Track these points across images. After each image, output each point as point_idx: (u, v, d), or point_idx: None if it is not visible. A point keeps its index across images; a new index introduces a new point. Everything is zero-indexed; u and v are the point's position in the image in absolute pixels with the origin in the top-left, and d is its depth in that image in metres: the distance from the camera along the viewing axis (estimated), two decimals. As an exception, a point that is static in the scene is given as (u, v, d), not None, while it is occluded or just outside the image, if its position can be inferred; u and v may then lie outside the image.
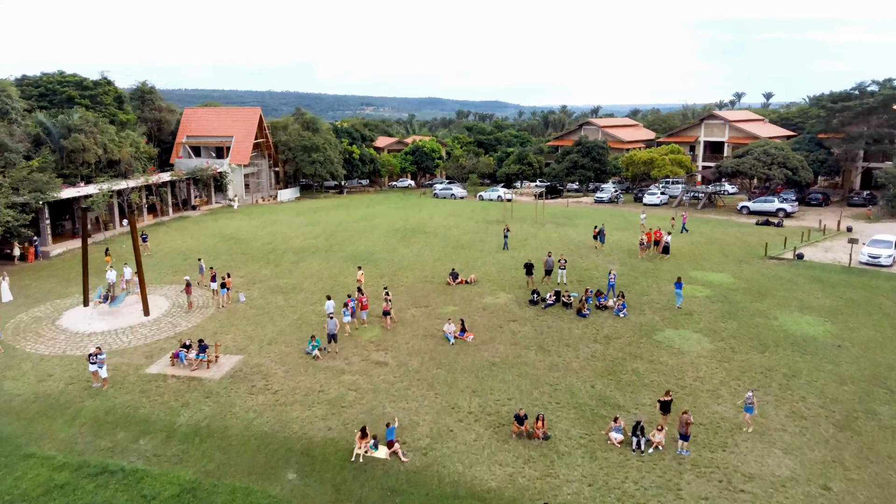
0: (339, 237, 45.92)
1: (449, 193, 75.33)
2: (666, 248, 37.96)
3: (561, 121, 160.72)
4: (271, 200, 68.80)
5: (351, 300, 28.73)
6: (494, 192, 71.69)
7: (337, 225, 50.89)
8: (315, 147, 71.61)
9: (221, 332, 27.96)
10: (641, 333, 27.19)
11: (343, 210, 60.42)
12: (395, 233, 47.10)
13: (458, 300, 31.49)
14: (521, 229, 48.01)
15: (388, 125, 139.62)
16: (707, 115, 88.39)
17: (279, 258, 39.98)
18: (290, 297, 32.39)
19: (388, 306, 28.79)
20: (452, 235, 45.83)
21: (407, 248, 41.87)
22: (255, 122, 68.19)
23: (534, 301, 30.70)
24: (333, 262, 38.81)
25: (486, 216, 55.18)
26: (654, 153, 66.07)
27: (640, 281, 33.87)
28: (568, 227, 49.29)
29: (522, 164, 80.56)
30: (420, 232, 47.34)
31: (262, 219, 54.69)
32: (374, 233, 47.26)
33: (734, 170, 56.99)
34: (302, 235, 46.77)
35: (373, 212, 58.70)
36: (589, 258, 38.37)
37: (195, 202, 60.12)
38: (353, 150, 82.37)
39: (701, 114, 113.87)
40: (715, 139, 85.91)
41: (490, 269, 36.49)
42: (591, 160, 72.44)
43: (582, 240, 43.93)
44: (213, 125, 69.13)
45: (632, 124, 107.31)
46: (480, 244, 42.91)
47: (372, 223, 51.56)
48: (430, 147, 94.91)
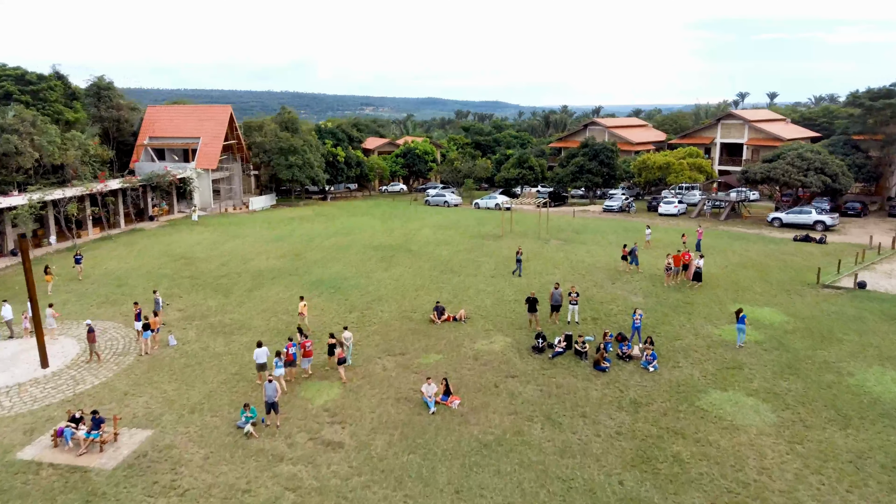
0: (309, 257, 39.81)
1: (442, 201, 69.30)
2: (697, 274, 31.89)
3: (563, 121, 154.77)
4: (243, 209, 62.71)
5: (293, 345, 22.77)
6: (492, 199, 65.65)
7: (309, 241, 44.78)
8: (293, 149, 65.54)
9: (133, 393, 21.89)
10: (680, 397, 21.12)
11: (321, 221, 54.31)
12: (375, 251, 40.99)
13: (444, 345, 25.41)
14: (521, 247, 41.89)
15: (379, 125, 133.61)
16: (724, 115, 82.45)
17: (231, 285, 33.87)
18: (232, 341, 26.30)
19: (342, 352, 22.82)
20: (441, 256, 39.73)
21: (386, 272, 35.76)
22: (225, 121, 62.14)
23: (538, 348, 24.63)
24: (296, 290, 32.70)
25: (482, 229, 49.08)
26: (671, 157, 60.06)
27: (669, 318, 27.78)
28: (576, 243, 43.20)
29: (523, 167, 74.51)
30: (404, 250, 41.24)
31: (225, 232, 48.57)
32: (349, 251, 41.15)
33: (764, 176, 50.98)
34: (265, 254, 40.66)
35: (354, 223, 52.60)
36: (605, 288, 32.26)
37: (153, 212, 54.03)
38: (337, 153, 76.33)
39: (716, 113, 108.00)
40: (732, 141, 79.99)
41: (484, 302, 30.39)
42: (598, 164, 66.43)
43: (595, 262, 37.84)
44: (178, 125, 63.08)
45: (640, 124, 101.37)
46: (474, 267, 36.81)
47: (350, 238, 45.45)
48: (423, 149, 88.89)
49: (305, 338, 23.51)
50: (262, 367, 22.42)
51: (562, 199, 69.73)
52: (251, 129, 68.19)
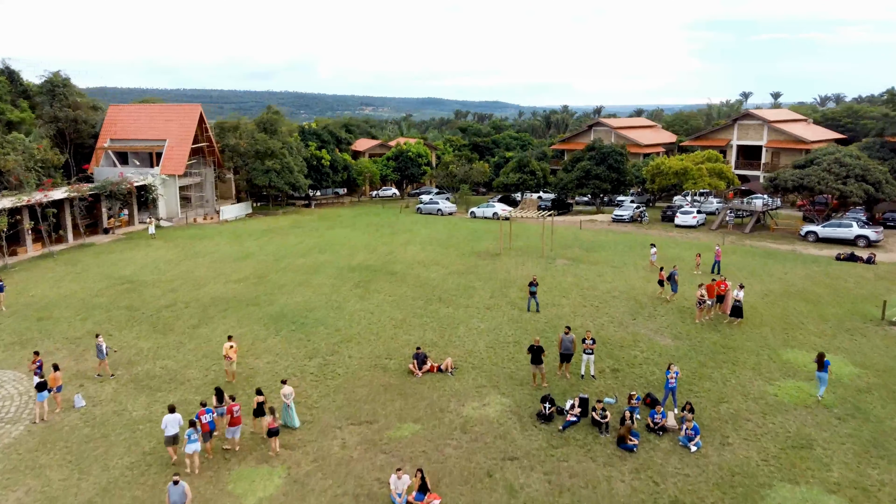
0: (274, 280, 34.47)
1: (435, 209, 64.01)
2: (737, 308, 26.56)
3: (564, 121, 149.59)
4: (214, 219, 57.37)
5: (206, 411, 17.62)
6: (490, 207, 60.38)
7: (278, 259, 39.44)
8: (270, 153, 60.21)
9: (5, 486, 16.59)
10: (737, 494, 15.84)
11: (297, 234, 48.97)
12: (352, 274, 35.64)
13: (424, 409, 20.10)
14: (523, 269, 36.59)
15: (371, 125, 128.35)
16: (741, 115, 77.25)
17: (174, 319, 28.53)
18: (157, 400, 20.98)
19: (274, 421, 17.63)
20: (429, 279, 34.39)
21: (361, 302, 30.41)
22: (193, 121, 56.84)
23: (545, 416, 19.34)
24: (249, 326, 27.39)
25: (477, 245, 43.75)
26: (687, 161, 54.78)
27: (708, 370, 22.47)
28: (586, 263, 37.86)
29: (523, 172, 69.20)
30: (386, 272, 35.90)
31: (185, 248, 43.23)
32: (322, 273, 35.80)
33: (796, 184, 45.70)
34: (224, 277, 35.32)
35: (333, 237, 47.26)
36: (624, 326, 26.91)
37: (109, 224, 48.69)
38: (321, 156, 71.02)
39: (729, 113, 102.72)
40: (750, 143, 74.87)
41: (477, 344, 25.05)
42: (607, 169, 61.15)
43: (610, 289, 32.50)
44: (142, 126, 57.80)
45: (648, 125, 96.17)
46: (466, 295, 31.47)
47: (325, 256, 40.12)
48: (416, 151, 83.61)
49: (232, 400, 18.25)
50: (174, 441, 17.28)
51: (566, 208, 64.48)
52: (225, 130, 62.88)
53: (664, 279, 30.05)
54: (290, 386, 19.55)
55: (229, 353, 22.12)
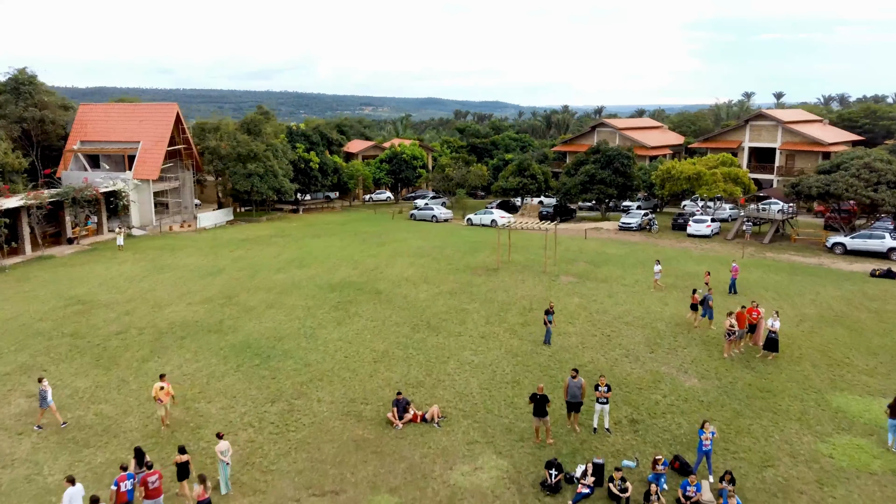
0: (243, 301, 30.92)
1: (429, 215, 60.51)
2: (772, 341, 23.03)
3: (565, 121, 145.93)
4: (191, 226, 53.79)
5: (127, 476, 14.31)
6: (487, 214, 56.87)
7: (252, 275, 35.90)
8: (252, 156, 56.66)
9: None
10: None
11: (278, 244, 45.43)
12: (332, 294, 32.09)
13: (402, 474, 16.57)
14: (523, 287, 33.05)
15: (365, 125, 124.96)
16: (754, 115, 73.76)
17: (123, 349, 24.99)
18: (82, 459, 17.45)
19: (204, 492, 14.24)
20: (417, 300, 30.85)
21: (338, 329, 26.87)
22: (170, 122, 53.30)
23: (550, 485, 15.82)
24: (206, 359, 23.87)
25: (473, 257, 40.22)
26: (700, 165, 51.25)
27: (745, 422, 18.92)
28: (594, 281, 34.31)
29: (524, 176, 65.70)
30: (369, 291, 32.36)
31: (153, 262, 39.68)
32: (298, 292, 32.25)
33: (822, 191, 42.17)
34: (188, 297, 31.77)
35: (317, 248, 43.73)
36: (641, 362, 23.35)
37: (74, 233, 45.13)
38: (310, 158, 67.48)
39: (738, 113, 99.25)
40: (763, 145, 71.38)
41: (469, 384, 21.51)
42: (612, 173, 57.65)
43: (622, 313, 28.96)
44: (114, 127, 54.27)
45: (654, 126, 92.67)
46: (458, 320, 27.94)
47: (305, 272, 36.57)
48: (411, 153, 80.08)
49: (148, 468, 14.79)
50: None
51: (569, 214, 60.98)
52: (205, 131, 59.33)
53: (697, 303, 26.51)
54: (226, 441, 16.06)
55: (159, 395, 18.71)
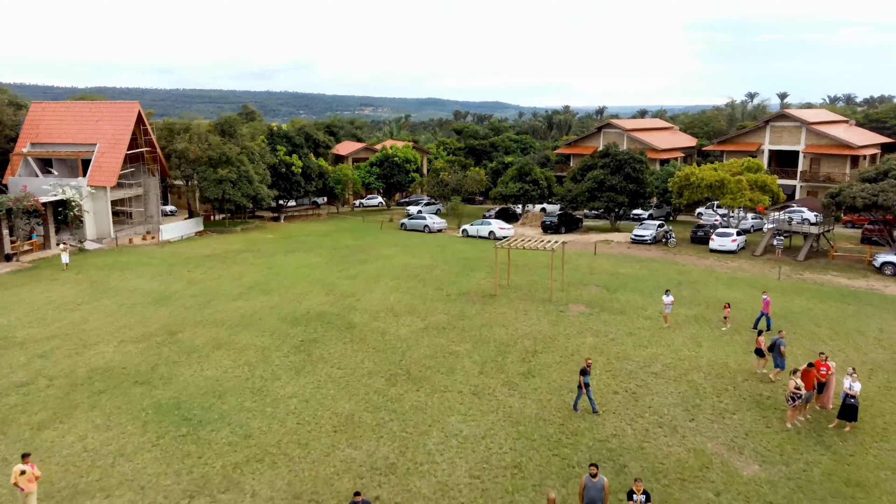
0: (185, 339, 25.80)
1: (421, 225, 55.46)
2: (849, 409, 17.89)
3: (567, 122, 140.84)
4: (156, 238, 48.66)
5: None
6: (485, 225, 51.76)
7: (205, 303, 30.77)
8: (225, 160, 51.56)
9: None
10: None
11: (245, 261, 40.33)
12: (294, 329, 26.98)
13: None
14: (525, 320, 27.94)
15: (357, 126, 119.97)
16: (775, 116, 68.76)
17: (21, 408, 19.89)
18: None
19: None
20: (398, 339, 25.75)
21: (295, 381, 21.75)
22: (130, 122, 48.24)
23: None
24: (120, 425, 18.77)
25: (468, 280, 35.12)
26: (723, 171, 46.16)
27: (835, 536, 13.80)
28: (611, 311, 29.18)
29: (525, 181, 60.69)
30: (340, 326, 27.25)
31: (96, 284, 34.58)
32: (253, 328, 27.12)
33: (868, 202, 37.09)
34: (121, 333, 26.66)
35: (287, 266, 38.64)
36: (680, 434, 18.21)
37: (13, 248, 40.04)
38: (292, 162, 62.42)
39: (754, 114, 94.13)
40: (785, 147, 66.36)
41: (455, 472, 16.39)
42: (623, 179, 52.59)
43: (647, 359, 23.85)
44: (68, 128, 49.20)
45: (664, 127, 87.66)
46: (446, 367, 22.85)
47: (267, 299, 31.44)
48: (404, 156, 75.05)
49: None
50: None
51: (575, 224, 55.90)
52: (174, 132, 54.25)
53: (763, 348, 21.47)
54: None
55: (20, 481, 13.77)
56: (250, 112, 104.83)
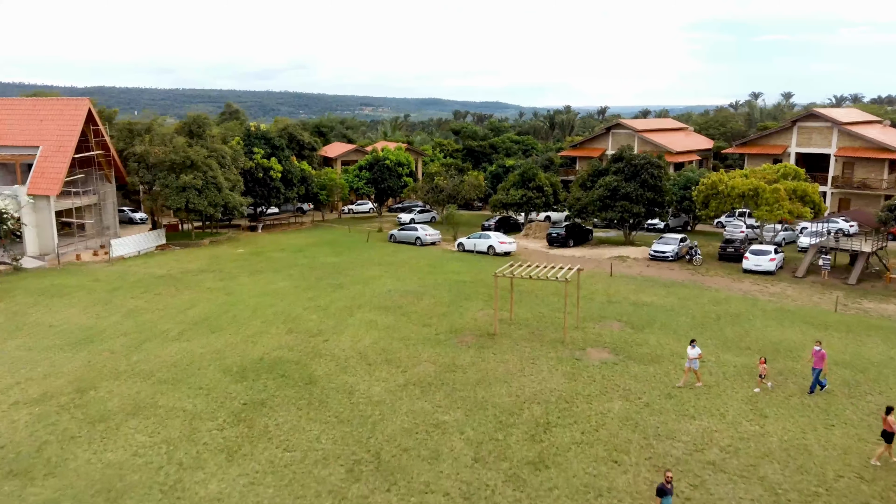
0: (96, 400, 20.22)
1: (412, 237, 49.92)
2: None
3: (570, 122, 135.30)
4: (107, 255, 43.08)
5: None
6: (484, 238, 46.12)
7: (135, 345, 25.19)
8: (190, 164, 45.98)
9: None
10: None
11: (200, 285, 34.74)
12: (238, 384, 21.40)
13: None
14: (532, 372, 22.36)
15: (348, 126, 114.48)
16: (804, 115, 63.16)
17: None
18: None
19: None
20: (368, 403, 20.21)
21: (224, 472, 16.18)
22: (78, 122, 42.69)
23: None
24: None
25: (462, 311, 29.57)
26: (755, 179, 40.59)
27: None
28: (640, 360, 23.61)
29: (528, 188, 55.14)
30: (297, 380, 21.68)
31: (11, 317, 28.99)
32: (187, 383, 21.54)
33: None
34: (17, 389, 21.08)
35: (247, 292, 33.05)
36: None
37: (-69, 269, 34.52)
38: (270, 166, 56.89)
39: (773, 114, 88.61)
40: (814, 150, 60.87)
41: None
42: (640, 186, 47.04)
43: (701, 437, 18.31)
44: (9, 129, 43.59)
45: (678, 127, 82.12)
46: (428, 453, 17.32)
47: (211, 341, 25.85)
48: (396, 158, 69.48)
49: None
50: None
51: (584, 237, 50.38)
52: (134, 133, 48.67)
53: (893, 429, 15.95)
54: None
55: None
56: (234, 111, 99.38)
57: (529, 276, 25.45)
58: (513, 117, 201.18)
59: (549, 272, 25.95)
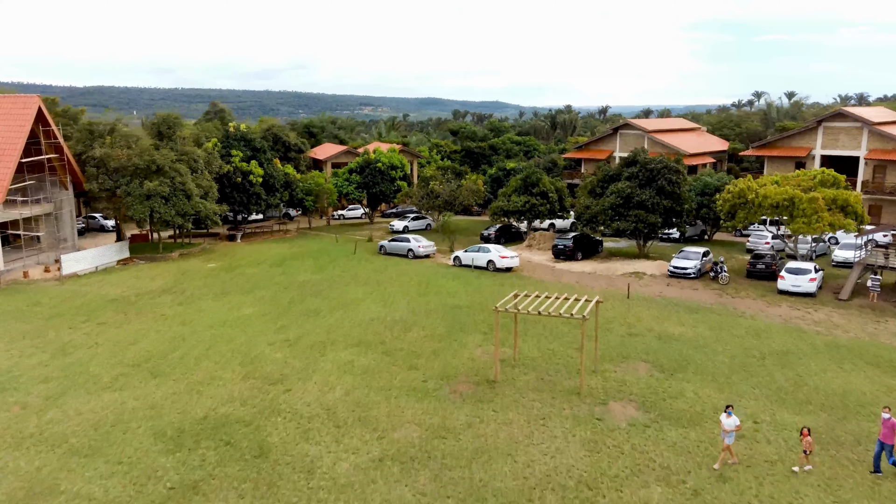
0: (-17, 483, 15.79)
1: (404, 248, 45.51)
2: None
3: (572, 121, 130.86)
4: (60, 272, 38.63)
5: None
6: (483, 253, 41.60)
7: (55, 396, 20.79)
8: (157, 169, 41.56)
9: None
10: None
11: (157, 309, 30.33)
12: (170, 456, 16.99)
13: None
14: (540, 439, 17.95)
15: (340, 126, 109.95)
16: (830, 115, 58.72)
17: None
18: None
19: None
20: (333, 483, 15.85)
21: None
22: (25, 122, 38.25)
23: None
24: None
25: (457, 349, 25.16)
26: (790, 188, 36.14)
27: None
28: (676, 420, 19.20)
29: (532, 194, 50.73)
30: (245, 452, 17.28)
31: (-78, 354, 24.54)
32: (104, 453, 17.15)
33: None
34: None
35: (207, 320, 28.64)
36: None
37: None
38: (250, 170, 52.49)
39: (792, 113, 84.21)
40: (841, 152, 56.54)
41: None
42: (656, 193, 42.65)
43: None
44: (-50, 128, 39.15)
45: (690, 128, 77.70)
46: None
47: (149, 391, 21.42)
48: (388, 161, 65.07)
49: None
50: None
51: (594, 248, 46.02)
52: (94, 134, 44.19)
53: None
54: None
55: None
56: (219, 110, 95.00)
57: (538, 311, 20.97)
58: (513, 117, 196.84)
59: (561, 306, 21.50)
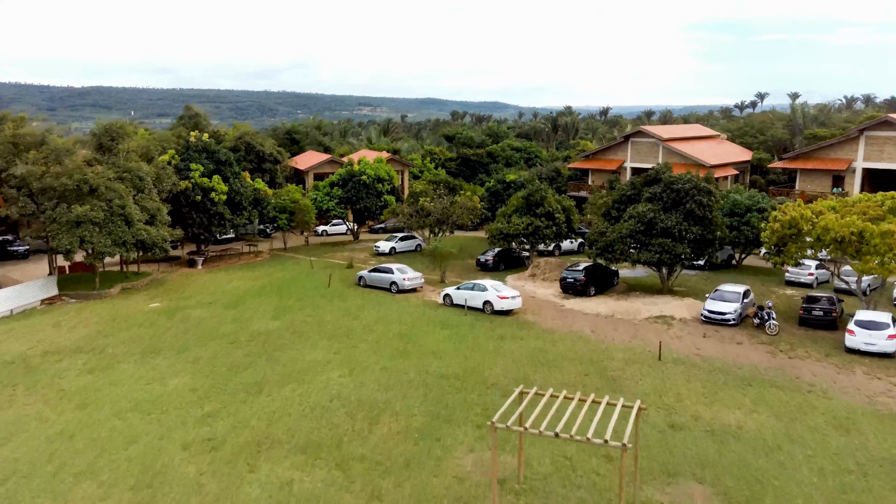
0: None
1: (387, 281, 39.25)
2: None
3: (573, 123, 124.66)
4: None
5: None
6: (477, 290, 35.08)
7: None
8: (89, 190, 35.25)
9: None
10: None
11: (53, 381, 24.06)
12: None
13: None
14: None
15: (325, 131, 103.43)
16: (874, 122, 52.46)
17: None
18: None
19: None
20: None
21: None
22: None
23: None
24: None
25: (441, 454, 18.92)
26: (856, 217, 29.82)
27: None
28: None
29: (535, 215, 44.46)
30: None
31: None
32: None
33: None
34: None
35: (113, 402, 22.37)
36: None
37: None
38: (212, 186, 46.24)
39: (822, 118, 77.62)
40: (888, 166, 50.44)
41: None
42: (684, 218, 36.41)
43: None
44: None
45: (707, 135, 71.34)
46: None
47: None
48: (374, 173, 58.82)
49: None
50: None
51: (609, 281, 39.79)
52: (19, 149, 37.84)
53: None
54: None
55: None
56: (193, 115, 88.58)
57: (555, 433, 14.64)
58: (512, 117, 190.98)
59: (587, 417, 15.18)
